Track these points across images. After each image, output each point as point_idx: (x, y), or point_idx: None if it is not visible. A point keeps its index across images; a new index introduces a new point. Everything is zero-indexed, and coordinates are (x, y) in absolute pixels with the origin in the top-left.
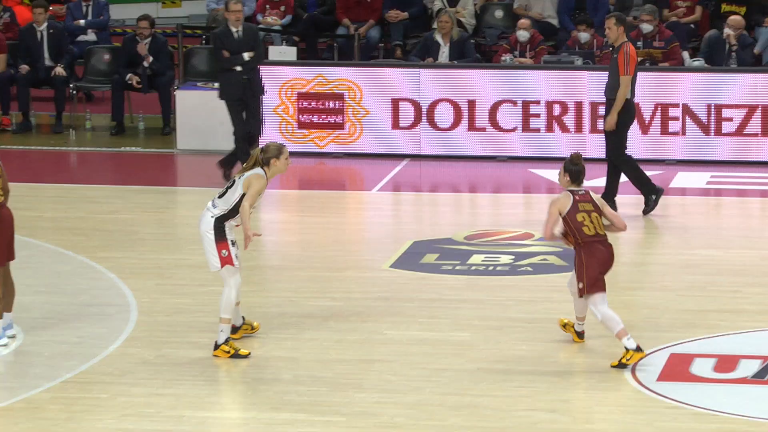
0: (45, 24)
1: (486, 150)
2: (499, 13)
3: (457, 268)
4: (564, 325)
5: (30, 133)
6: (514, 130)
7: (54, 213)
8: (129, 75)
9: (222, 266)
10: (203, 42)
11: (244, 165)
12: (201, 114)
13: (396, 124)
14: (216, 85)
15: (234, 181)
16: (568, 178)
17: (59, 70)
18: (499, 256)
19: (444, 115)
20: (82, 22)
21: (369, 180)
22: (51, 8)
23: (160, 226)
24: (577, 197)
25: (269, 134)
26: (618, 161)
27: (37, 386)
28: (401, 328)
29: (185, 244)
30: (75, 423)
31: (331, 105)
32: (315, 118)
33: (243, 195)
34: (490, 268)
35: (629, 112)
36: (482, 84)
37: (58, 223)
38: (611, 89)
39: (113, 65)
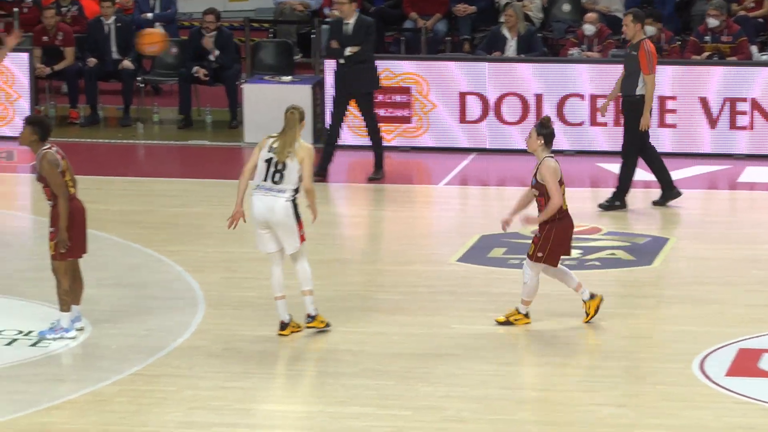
0: (113, 17)
1: (554, 143)
2: (566, 7)
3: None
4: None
5: (98, 126)
6: (581, 124)
7: (122, 206)
8: (196, 68)
9: (300, 243)
10: (270, 35)
11: (281, 134)
12: (268, 107)
13: (462, 118)
14: (283, 78)
15: (274, 160)
16: (543, 142)
17: (127, 63)
18: None
19: (511, 109)
20: (149, 15)
21: (436, 174)
22: (119, 1)
23: (226, 219)
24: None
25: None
26: (626, 156)
27: (105, 379)
28: (468, 322)
29: (252, 238)
30: (142, 416)
31: (398, 99)
32: (382, 112)
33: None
34: None
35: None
36: (549, 78)
37: (125, 217)
38: (627, 86)
39: (180, 58)
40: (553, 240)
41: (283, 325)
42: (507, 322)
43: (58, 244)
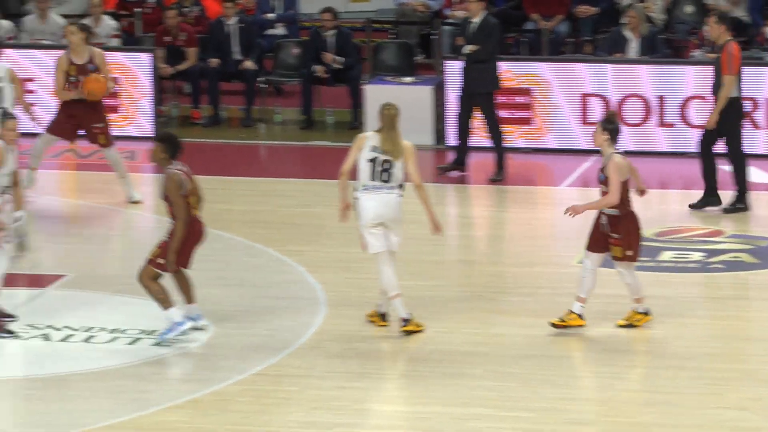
0: (235, 18)
1: (676, 146)
2: (689, 9)
3: (647, 264)
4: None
5: (219, 127)
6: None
7: (243, 206)
8: (314, 66)
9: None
10: (391, 36)
11: (383, 133)
12: None
13: (584, 120)
14: (404, 79)
15: (380, 159)
16: (608, 138)
17: (249, 63)
18: (689, 252)
19: (633, 110)
20: (271, 15)
21: (557, 175)
22: (241, 2)
23: (348, 219)
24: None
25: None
26: (733, 156)
27: (227, 378)
28: (590, 324)
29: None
30: (265, 416)
31: (520, 100)
32: (504, 113)
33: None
34: (680, 264)
35: (738, 110)
36: (672, 79)
37: (247, 217)
38: (717, 88)
39: (302, 59)
40: (633, 234)
41: (406, 321)
42: (629, 325)
43: (166, 264)
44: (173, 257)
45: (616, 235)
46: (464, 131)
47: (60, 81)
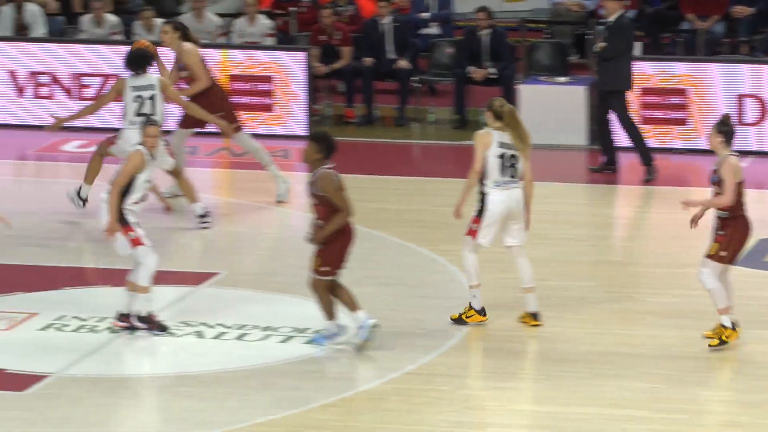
0: (389, 17)
1: None
2: None
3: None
4: None
5: (373, 126)
6: None
7: (397, 205)
8: (470, 68)
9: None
10: (546, 36)
11: (509, 129)
12: (545, 109)
13: (741, 121)
14: (558, 79)
15: (508, 154)
16: (723, 140)
17: (403, 63)
18: None
19: None
20: (425, 15)
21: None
22: (395, 1)
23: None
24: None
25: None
26: None
27: (380, 377)
28: (743, 326)
29: (529, 239)
30: (415, 415)
31: (675, 101)
32: (658, 114)
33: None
34: None
35: None
36: None
37: (400, 216)
38: None
39: (456, 59)
40: (737, 238)
41: (483, 311)
42: (721, 342)
43: (313, 239)
44: (321, 238)
45: (721, 232)
46: (605, 131)
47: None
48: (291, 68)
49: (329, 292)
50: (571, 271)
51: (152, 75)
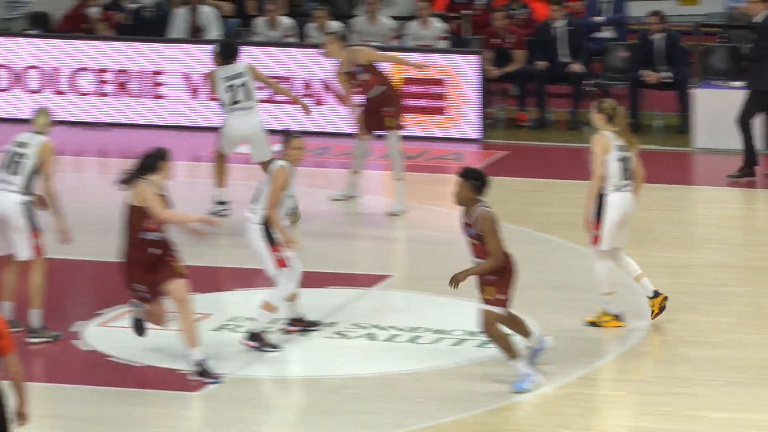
0: (562, 20)
1: None
2: None
3: None
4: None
5: (545, 129)
6: None
7: (565, 209)
8: (644, 72)
9: None
10: (722, 40)
11: (617, 131)
12: (720, 113)
13: None
14: (733, 84)
15: (627, 156)
16: None
17: (576, 66)
18: None
19: None
20: (599, 18)
21: None
22: (570, 5)
23: (674, 224)
24: None
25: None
26: None
27: (552, 382)
28: None
29: (701, 243)
30: (586, 419)
31: None
32: None
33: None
34: None
35: None
36: None
37: (569, 219)
38: None
39: (630, 62)
40: None
41: (621, 317)
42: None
43: (456, 278)
44: (465, 277)
45: None
46: (747, 133)
47: (344, 88)
48: (464, 71)
49: (505, 324)
50: (749, 276)
51: (240, 63)
